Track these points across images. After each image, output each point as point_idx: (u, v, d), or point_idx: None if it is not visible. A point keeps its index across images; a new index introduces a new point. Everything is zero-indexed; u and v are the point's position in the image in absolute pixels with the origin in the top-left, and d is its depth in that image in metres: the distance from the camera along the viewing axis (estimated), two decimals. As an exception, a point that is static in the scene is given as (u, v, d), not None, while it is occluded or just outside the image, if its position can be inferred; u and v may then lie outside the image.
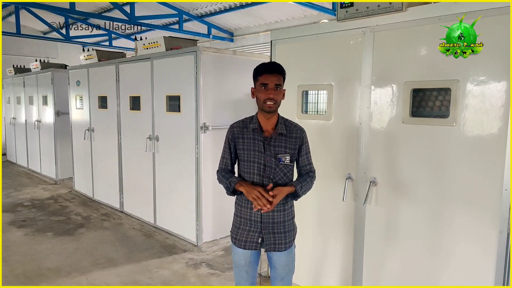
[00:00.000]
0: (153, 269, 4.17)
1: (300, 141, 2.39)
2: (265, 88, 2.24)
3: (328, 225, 3.28)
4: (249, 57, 5.05)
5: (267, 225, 2.35)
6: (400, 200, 2.79)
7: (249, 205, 2.34)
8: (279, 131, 2.33)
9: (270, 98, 2.23)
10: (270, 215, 2.34)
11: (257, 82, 2.28)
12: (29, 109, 9.32)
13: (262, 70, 2.27)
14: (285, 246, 2.39)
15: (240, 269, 2.46)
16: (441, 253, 2.60)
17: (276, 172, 2.32)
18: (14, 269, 4.14)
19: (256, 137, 2.33)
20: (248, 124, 2.37)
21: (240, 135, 2.36)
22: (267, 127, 2.34)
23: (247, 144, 2.34)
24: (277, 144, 2.32)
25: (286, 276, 2.48)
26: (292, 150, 2.35)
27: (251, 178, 2.33)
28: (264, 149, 2.30)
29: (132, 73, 5.64)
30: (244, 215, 2.38)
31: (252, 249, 2.39)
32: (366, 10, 2.79)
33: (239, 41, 11.50)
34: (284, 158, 2.32)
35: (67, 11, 8.63)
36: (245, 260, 2.42)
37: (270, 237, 2.36)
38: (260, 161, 2.30)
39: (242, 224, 2.40)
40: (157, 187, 5.37)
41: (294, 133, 2.38)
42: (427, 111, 2.66)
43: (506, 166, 2.26)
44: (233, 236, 2.45)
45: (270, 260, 2.48)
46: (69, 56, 13.09)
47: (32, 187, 7.98)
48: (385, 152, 2.85)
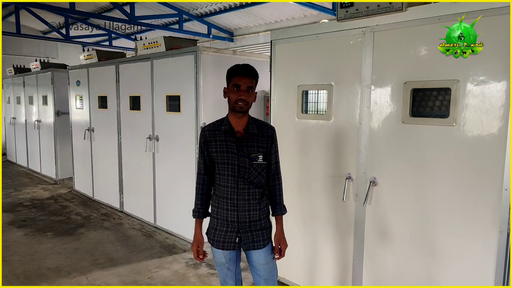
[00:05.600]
0: (153, 269, 4.17)
1: (270, 139, 2.41)
2: (238, 90, 2.27)
3: (327, 225, 3.27)
4: (249, 57, 5.05)
5: (244, 224, 2.36)
6: (400, 200, 2.79)
7: (225, 206, 2.36)
8: (251, 130, 2.34)
9: (241, 99, 2.26)
10: (246, 214, 2.35)
11: (230, 83, 2.31)
12: (29, 109, 9.32)
13: (236, 72, 2.30)
14: (263, 243, 2.41)
15: (222, 267, 2.47)
16: (441, 253, 2.60)
17: (250, 172, 2.33)
18: (14, 269, 4.15)
19: (228, 138, 2.33)
20: (219, 127, 2.37)
21: (212, 138, 2.36)
22: (238, 128, 2.35)
23: (219, 146, 2.34)
24: (250, 144, 2.33)
25: (269, 276, 2.48)
26: (264, 149, 2.37)
27: (225, 179, 2.34)
28: (237, 149, 2.31)
29: (132, 73, 5.64)
30: (221, 216, 2.39)
31: (230, 249, 2.40)
32: (366, 10, 2.79)
33: (239, 41, 11.50)
34: (258, 158, 2.33)
35: (67, 11, 8.64)
36: (225, 257, 2.43)
37: (248, 235, 2.37)
38: (234, 162, 2.31)
39: (219, 225, 2.40)
40: (157, 187, 5.37)
41: (266, 132, 2.40)
42: (427, 111, 2.66)
43: (506, 166, 2.26)
44: (210, 237, 2.45)
45: (250, 261, 2.49)
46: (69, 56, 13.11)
47: (32, 187, 7.98)
48: (385, 152, 2.85)
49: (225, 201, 2.35)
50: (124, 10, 9.20)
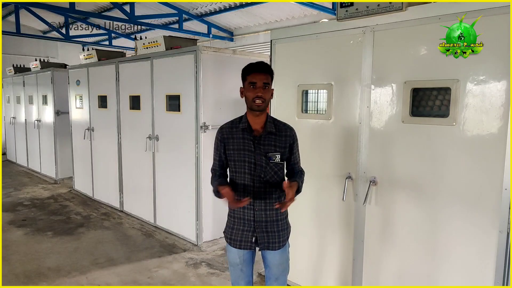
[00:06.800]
0: (153, 269, 4.17)
1: (291, 139, 2.39)
2: (254, 87, 2.24)
3: (327, 225, 3.27)
4: (249, 57, 5.04)
5: (260, 224, 2.36)
6: (400, 200, 2.79)
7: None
8: (269, 129, 2.33)
9: (258, 97, 2.24)
10: (263, 214, 2.35)
11: (246, 82, 2.29)
12: (29, 109, 9.32)
13: (250, 70, 2.28)
14: (278, 245, 2.40)
15: (235, 268, 2.47)
16: (441, 253, 2.60)
17: (266, 171, 2.32)
18: (14, 269, 4.15)
19: (245, 136, 2.33)
20: (237, 124, 2.38)
21: (229, 135, 2.37)
22: (256, 126, 2.34)
23: (237, 144, 2.34)
24: (267, 142, 2.33)
25: (280, 275, 2.49)
26: (282, 148, 2.36)
27: (242, 177, 2.34)
28: (254, 148, 2.31)
29: (132, 72, 5.64)
30: (237, 214, 2.39)
31: (247, 248, 2.40)
32: (366, 10, 2.79)
33: (239, 40, 11.50)
34: (275, 157, 2.32)
35: (67, 11, 8.64)
36: (239, 258, 2.43)
37: (264, 235, 2.37)
38: (251, 160, 2.31)
39: (236, 224, 2.41)
40: (157, 187, 5.37)
41: (284, 131, 2.38)
42: (427, 111, 2.66)
43: (506, 166, 2.26)
44: (227, 236, 2.46)
45: (264, 260, 2.49)
46: (69, 56, 13.08)
47: (32, 187, 7.98)
48: (385, 151, 2.85)
49: (241, 199, 2.32)
50: (124, 9, 9.19)
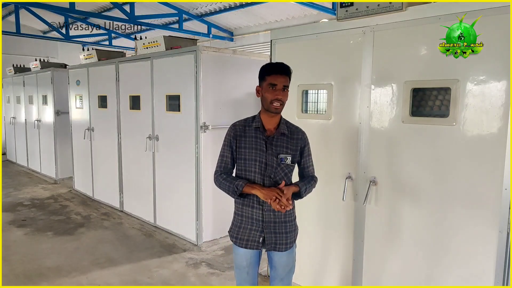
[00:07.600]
0: (153, 269, 4.17)
1: (302, 142, 2.39)
2: (273, 89, 2.22)
3: (328, 225, 3.28)
4: (249, 57, 5.05)
5: (269, 224, 2.35)
6: (400, 200, 2.79)
7: (251, 204, 2.33)
8: (282, 131, 2.33)
9: (278, 99, 2.22)
10: (271, 214, 2.34)
11: (265, 82, 2.25)
12: (29, 109, 9.32)
13: (271, 70, 2.25)
14: (285, 247, 2.39)
15: (242, 270, 2.45)
16: (441, 253, 2.60)
17: (277, 172, 2.31)
18: (14, 269, 4.15)
19: (258, 135, 2.32)
20: (251, 123, 2.37)
21: (242, 133, 2.35)
22: (269, 127, 2.34)
23: (248, 142, 2.33)
24: (279, 143, 2.32)
25: (286, 276, 2.48)
26: (293, 151, 2.35)
27: (251, 177, 2.32)
28: (266, 148, 2.30)
29: (132, 72, 5.64)
30: (246, 213, 2.37)
31: (253, 248, 2.38)
32: (366, 10, 2.79)
33: (239, 40, 11.50)
34: (286, 158, 2.32)
35: (67, 11, 8.63)
36: (246, 261, 2.42)
37: (272, 236, 2.36)
38: (262, 160, 2.30)
39: (244, 223, 2.39)
40: (157, 187, 5.37)
41: (296, 134, 2.38)
42: (427, 111, 2.66)
43: (506, 165, 2.26)
44: (233, 235, 2.44)
45: (270, 260, 2.48)
46: (69, 56, 13.06)
47: (32, 187, 7.98)
48: (385, 151, 2.85)
49: (251, 197, 2.32)
50: (124, 9, 9.19)
